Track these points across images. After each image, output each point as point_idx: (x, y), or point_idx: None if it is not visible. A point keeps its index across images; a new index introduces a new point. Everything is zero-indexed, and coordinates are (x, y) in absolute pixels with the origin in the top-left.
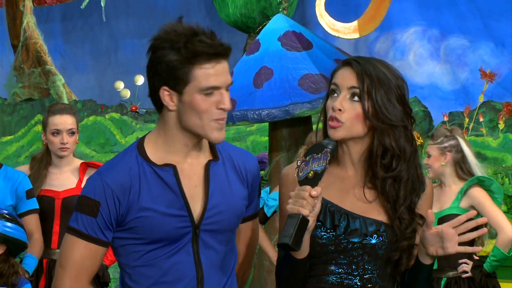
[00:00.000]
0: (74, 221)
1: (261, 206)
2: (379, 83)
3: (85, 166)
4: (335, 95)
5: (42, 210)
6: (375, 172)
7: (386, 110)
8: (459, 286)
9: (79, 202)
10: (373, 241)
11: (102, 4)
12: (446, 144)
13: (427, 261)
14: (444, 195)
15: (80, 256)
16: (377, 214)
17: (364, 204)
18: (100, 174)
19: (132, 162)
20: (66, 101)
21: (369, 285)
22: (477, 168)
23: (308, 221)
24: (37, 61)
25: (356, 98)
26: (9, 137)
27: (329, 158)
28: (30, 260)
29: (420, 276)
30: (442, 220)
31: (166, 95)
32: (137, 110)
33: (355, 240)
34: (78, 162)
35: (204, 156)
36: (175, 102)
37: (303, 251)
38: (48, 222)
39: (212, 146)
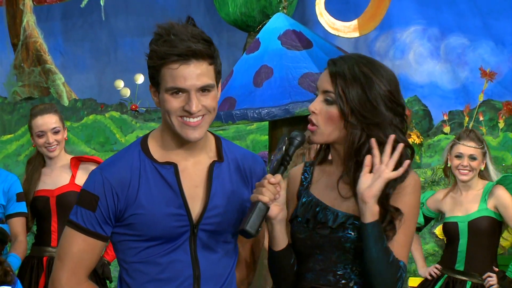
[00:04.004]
0: (74, 214)
1: None
2: (355, 82)
3: (76, 161)
4: (316, 95)
5: (38, 210)
6: (354, 167)
7: (363, 109)
8: None
9: (79, 195)
10: (339, 234)
11: (102, 3)
12: (485, 149)
13: (371, 217)
14: (467, 198)
15: (78, 249)
16: (353, 207)
17: (344, 199)
18: (101, 169)
19: (134, 158)
20: (66, 100)
21: (343, 281)
22: (492, 170)
23: (267, 208)
24: (37, 60)
25: (330, 101)
26: (9, 136)
27: (288, 145)
28: (14, 260)
29: (371, 242)
30: (472, 224)
31: (152, 91)
32: (137, 109)
33: (324, 233)
34: (69, 157)
35: (208, 157)
36: (159, 100)
37: (279, 244)
38: (45, 221)
39: (218, 147)
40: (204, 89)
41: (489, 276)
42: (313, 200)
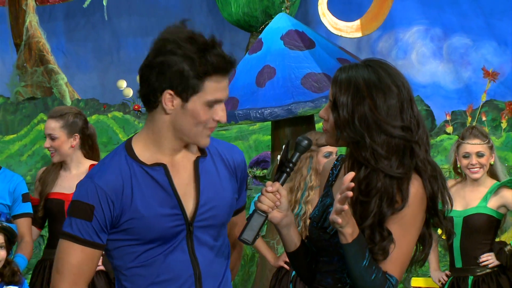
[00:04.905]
0: (68, 226)
1: None
2: (347, 91)
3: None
4: None
5: (52, 212)
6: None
7: (344, 122)
8: (487, 284)
9: (72, 206)
10: (336, 239)
11: (104, 3)
12: (491, 143)
13: (343, 240)
14: (470, 194)
15: (77, 261)
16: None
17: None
18: (92, 177)
19: (122, 163)
20: (68, 100)
21: (339, 285)
22: (499, 166)
23: (264, 216)
24: (40, 60)
25: (331, 108)
26: (11, 136)
27: (286, 152)
28: (21, 260)
29: (348, 262)
30: (468, 219)
31: (168, 98)
32: (140, 109)
33: (326, 237)
34: (87, 164)
35: (192, 153)
36: (175, 107)
37: (289, 247)
38: (57, 224)
39: None
40: None
41: (489, 256)
42: (328, 201)
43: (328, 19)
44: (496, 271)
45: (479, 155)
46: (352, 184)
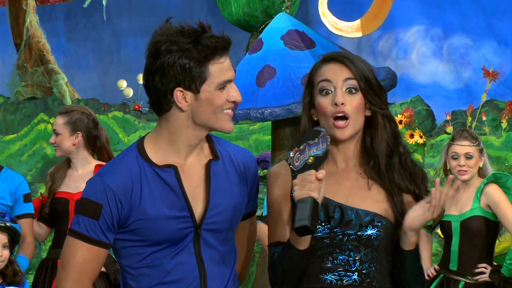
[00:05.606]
0: (76, 223)
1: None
2: (365, 65)
3: (99, 168)
4: (329, 91)
5: (57, 211)
6: (390, 156)
7: (380, 95)
8: None
9: (80, 204)
10: (369, 231)
11: (104, 3)
12: (481, 146)
13: (408, 246)
14: (462, 197)
15: (82, 258)
16: (371, 205)
17: (357, 196)
18: (101, 176)
19: (132, 163)
20: (69, 100)
21: (367, 280)
22: (490, 169)
23: (318, 203)
24: (40, 59)
25: (353, 90)
26: (12, 136)
27: (329, 140)
28: (22, 261)
29: (407, 266)
30: (465, 223)
31: (180, 96)
32: (140, 109)
33: (351, 231)
34: (93, 164)
35: (204, 156)
36: (189, 102)
37: (306, 242)
38: (63, 223)
39: (212, 146)
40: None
41: (485, 267)
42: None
43: (328, 19)
44: (488, 283)
45: (468, 156)
46: (453, 191)
